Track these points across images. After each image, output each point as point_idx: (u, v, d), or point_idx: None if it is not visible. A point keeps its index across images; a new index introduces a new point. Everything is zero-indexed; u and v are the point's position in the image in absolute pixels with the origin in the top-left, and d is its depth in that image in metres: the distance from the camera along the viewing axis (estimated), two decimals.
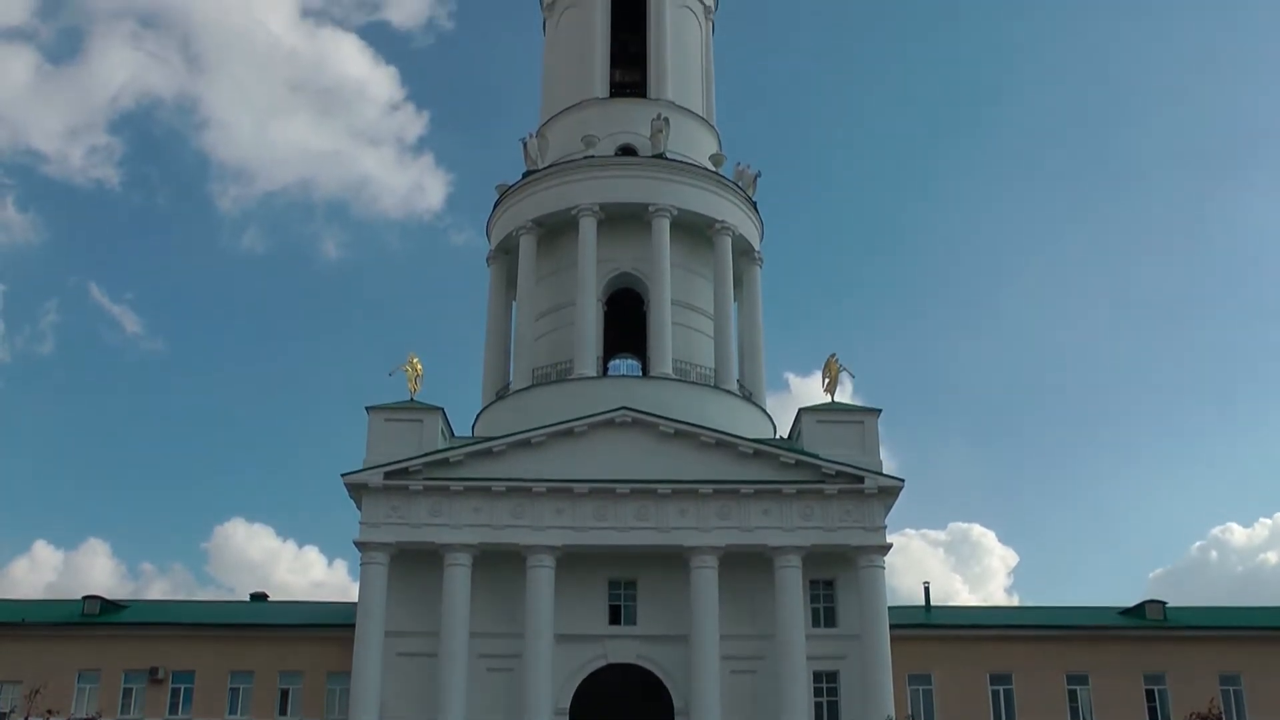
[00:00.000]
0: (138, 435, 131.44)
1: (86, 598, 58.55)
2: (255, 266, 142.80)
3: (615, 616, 52.60)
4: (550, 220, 61.50)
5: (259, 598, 64.59)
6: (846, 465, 52.29)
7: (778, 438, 58.01)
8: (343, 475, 52.07)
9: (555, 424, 52.84)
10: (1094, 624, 57.62)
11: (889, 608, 51.93)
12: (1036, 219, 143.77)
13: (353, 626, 50.78)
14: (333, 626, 54.47)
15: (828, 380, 55.07)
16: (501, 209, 63.75)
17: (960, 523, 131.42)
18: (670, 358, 57.74)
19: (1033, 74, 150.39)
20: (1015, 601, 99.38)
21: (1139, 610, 58.90)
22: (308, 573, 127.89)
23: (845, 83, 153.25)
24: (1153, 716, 55.11)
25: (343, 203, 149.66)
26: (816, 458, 52.54)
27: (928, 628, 56.81)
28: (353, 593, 53.15)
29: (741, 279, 64.62)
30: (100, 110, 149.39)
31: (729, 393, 58.68)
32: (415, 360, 55.01)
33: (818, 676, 51.29)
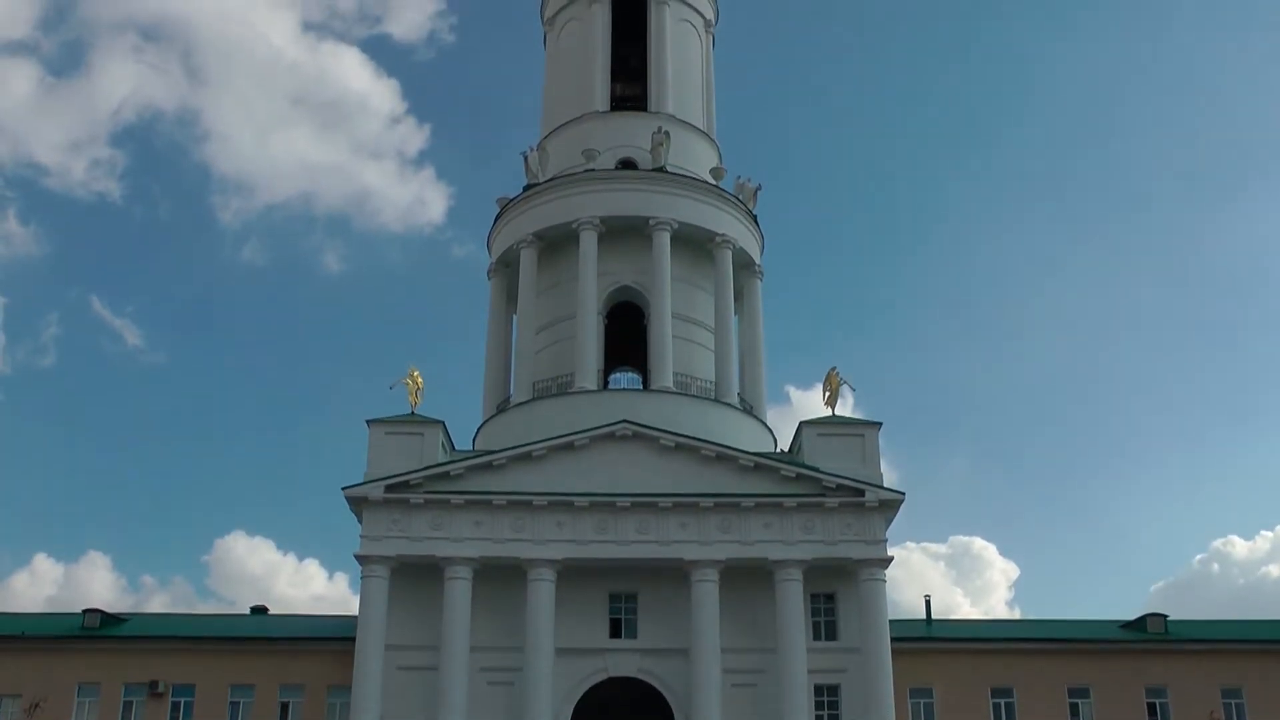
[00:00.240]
0: (138, 448, 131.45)
1: (87, 611, 58.44)
2: (256, 279, 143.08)
3: (616, 630, 52.54)
4: (551, 234, 61.61)
5: (259, 611, 64.46)
6: (847, 478, 52.26)
7: (778, 451, 58.08)
8: (343, 488, 52.05)
9: (556, 437, 52.86)
10: (1095, 637, 57.54)
11: (890, 621, 51.82)
12: (1038, 232, 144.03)
13: (353, 640, 50.71)
14: (333, 640, 54.46)
15: (828, 393, 55.11)
16: (502, 222, 63.86)
17: (961, 536, 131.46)
18: (671, 371, 57.79)
19: (1036, 87, 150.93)
20: (1016, 615, 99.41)
21: (1140, 623, 58.86)
22: (308, 586, 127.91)
23: (846, 96, 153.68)
24: None
25: (344, 216, 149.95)
26: (817, 471, 52.54)
27: (929, 641, 56.80)
28: (353, 606, 53.16)
29: (742, 292, 64.71)
30: (102, 123, 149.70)
31: (730, 406, 58.72)
32: (416, 373, 55.05)
33: (819, 690, 51.17)
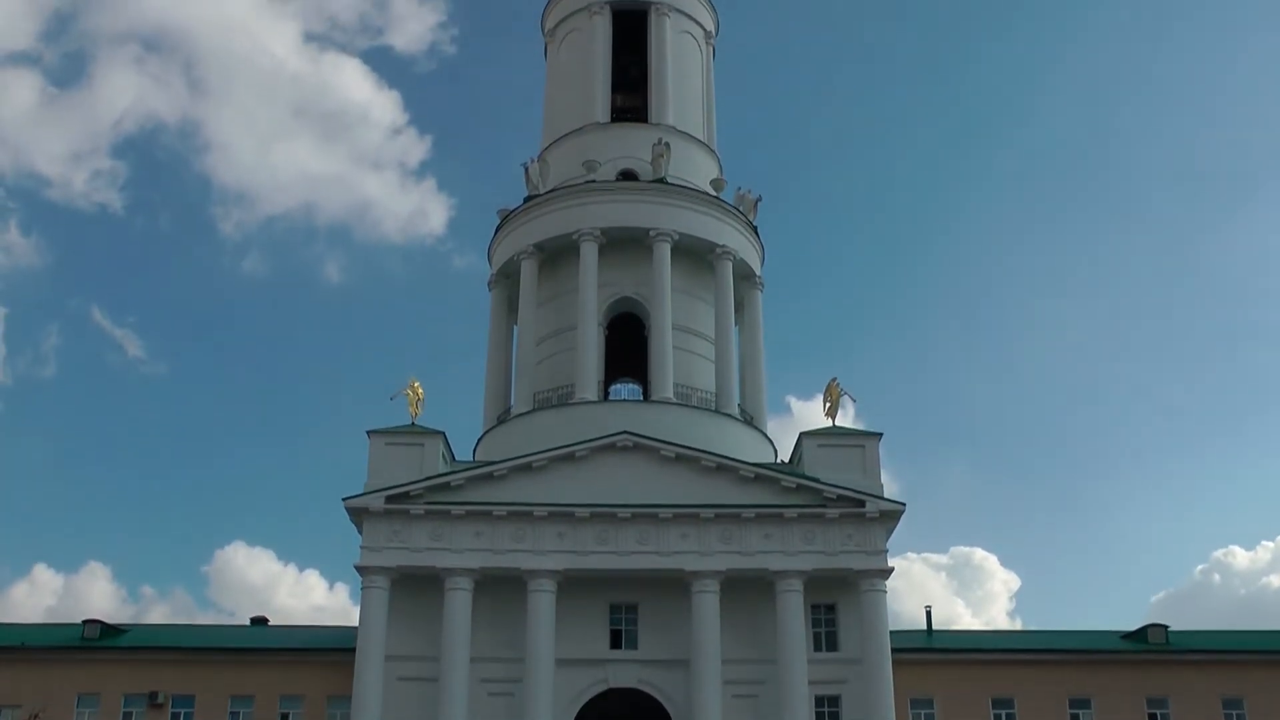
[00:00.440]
0: (139, 458, 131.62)
1: (86, 621, 58.42)
2: (257, 290, 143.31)
3: (616, 641, 52.47)
4: (552, 245, 61.69)
5: (259, 622, 64.44)
6: (848, 489, 52.23)
7: (779, 462, 58.11)
8: (344, 499, 52.07)
9: (556, 448, 52.88)
10: (1096, 648, 57.55)
11: (891, 632, 51.75)
12: (1039, 241, 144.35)
13: (353, 650, 50.66)
14: (333, 650, 54.45)
15: (829, 404, 55.14)
16: (503, 233, 63.96)
17: (962, 546, 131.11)
18: (671, 382, 57.82)
19: (1037, 97, 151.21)
20: (1017, 625, 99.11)
21: (1141, 634, 58.82)
22: (309, 596, 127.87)
23: (847, 107, 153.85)
24: None
25: (345, 227, 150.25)
26: (818, 482, 52.54)
27: (930, 651, 56.78)
28: (353, 617, 53.12)
29: (743, 303, 64.78)
30: (103, 134, 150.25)
31: (730, 417, 58.74)
32: (416, 384, 55.11)
33: (819, 701, 51.10)
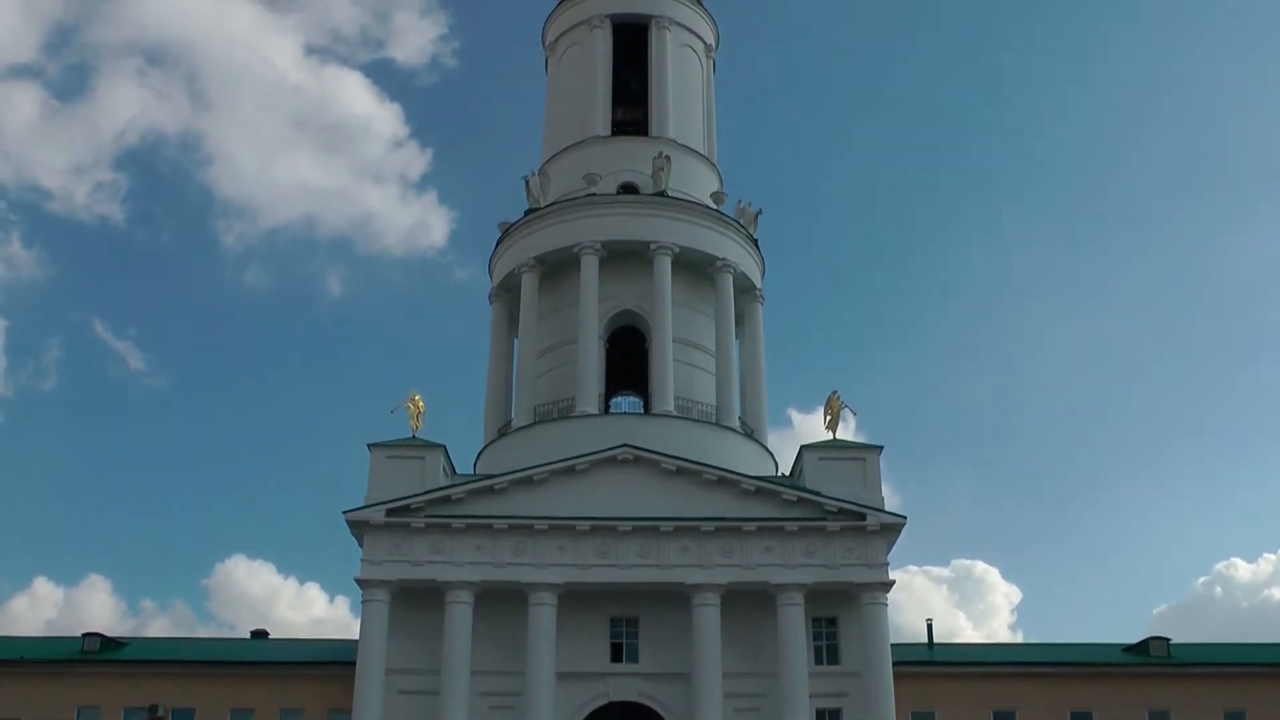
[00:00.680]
0: (139, 471, 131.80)
1: (86, 635, 58.43)
2: (258, 303, 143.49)
3: (617, 654, 52.39)
4: (552, 258, 61.76)
5: (259, 635, 64.41)
6: (848, 502, 52.19)
7: (780, 475, 58.05)
8: (344, 512, 52.02)
9: (557, 461, 52.87)
10: (1098, 661, 57.48)
11: (892, 645, 51.61)
12: (1040, 255, 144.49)
13: (354, 664, 50.55)
14: (334, 664, 54.37)
15: (829, 417, 55.12)
16: (504, 246, 64.03)
17: (963, 559, 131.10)
18: (672, 395, 57.83)
19: (1039, 109, 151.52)
20: (1019, 638, 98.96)
21: (1143, 647, 58.75)
22: (309, 610, 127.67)
23: (847, 119, 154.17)
24: None
25: (346, 239, 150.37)
26: (818, 495, 52.48)
27: (931, 665, 56.68)
28: (354, 630, 53.07)
29: (743, 316, 64.82)
30: (105, 147, 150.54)
31: (731, 430, 58.73)
32: (417, 397, 55.10)
33: (820, 714, 50.99)
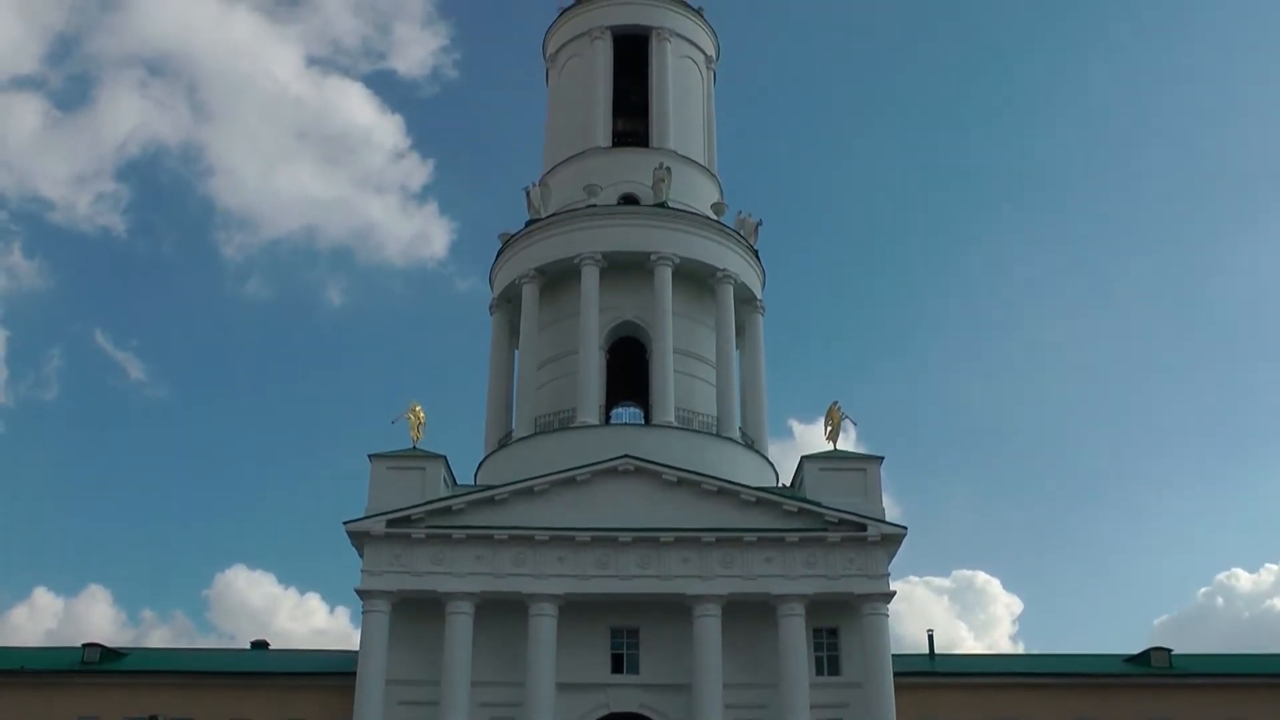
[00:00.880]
0: (140, 481, 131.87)
1: (86, 645, 58.33)
2: (259, 313, 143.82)
3: (618, 665, 52.34)
4: (553, 269, 61.83)
5: (260, 646, 64.35)
6: (849, 513, 52.15)
7: (780, 485, 58.04)
8: (345, 523, 52.00)
9: (557, 472, 52.84)
10: (1099, 671, 57.33)
11: (893, 655, 51.52)
12: (1038, 265, 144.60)
13: (354, 675, 50.47)
14: (334, 675, 54.30)
15: (830, 428, 55.09)
16: (504, 257, 64.09)
17: (965, 570, 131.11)
18: (672, 406, 57.83)
19: (1042, 120, 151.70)
20: (1020, 649, 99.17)
21: (1144, 658, 58.63)
22: (309, 620, 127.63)
23: (845, 129, 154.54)
24: None
25: (347, 250, 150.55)
26: (819, 506, 52.44)
27: (932, 676, 56.57)
28: (354, 641, 53.03)
29: (743, 327, 64.85)
30: (107, 157, 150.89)
31: (731, 441, 58.73)
32: (418, 408, 55.08)
33: None
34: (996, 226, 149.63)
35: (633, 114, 68.53)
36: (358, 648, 51.16)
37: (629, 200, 63.20)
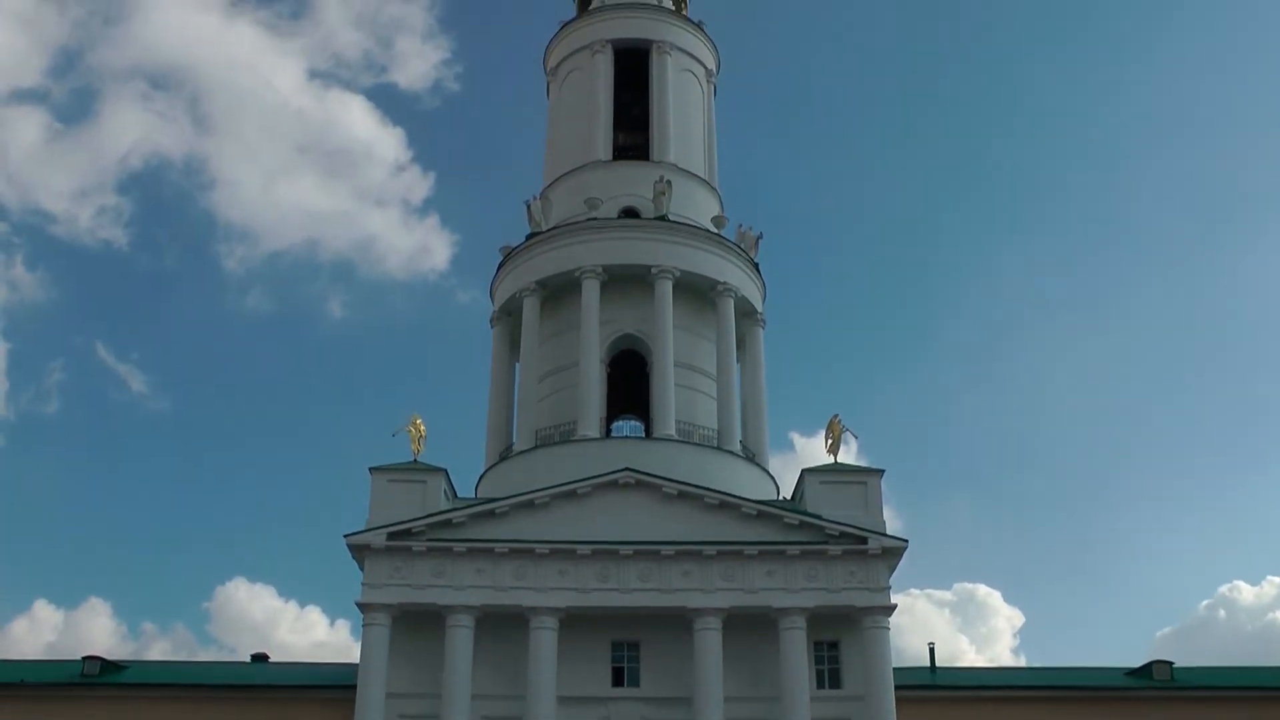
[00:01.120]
0: (141, 494, 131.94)
1: (86, 658, 58.13)
2: (260, 326, 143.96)
3: (618, 678, 52.23)
4: (554, 282, 61.89)
5: (260, 658, 64.19)
6: (850, 526, 52.08)
7: (781, 498, 58.01)
8: (345, 536, 51.97)
9: (558, 485, 52.85)
10: (1101, 684, 57.23)
11: (894, 669, 51.39)
12: (1038, 278, 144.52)
13: (354, 688, 50.36)
14: (334, 688, 54.19)
15: (831, 441, 55.11)
16: (505, 270, 64.18)
17: (966, 583, 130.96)
18: (673, 419, 57.83)
19: (1044, 130, 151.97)
20: (1022, 662, 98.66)
21: (1146, 670, 58.49)
22: (310, 633, 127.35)
23: (847, 141, 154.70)
24: None
25: (348, 263, 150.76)
26: (820, 519, 52.43)
27: (933, 689, 56.50)
28: (354, 653, 52.90)
29: (744, 340, 64.87)
30: (109, 170, 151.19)
31: (732, 454, 58.74)
32: (418, 421, 55.08)
33: None
34: (999, 239, 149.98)
35: (633, 127, 68.68)
36: (358, 661, 51.07)
37: (630, 213, 63.27)
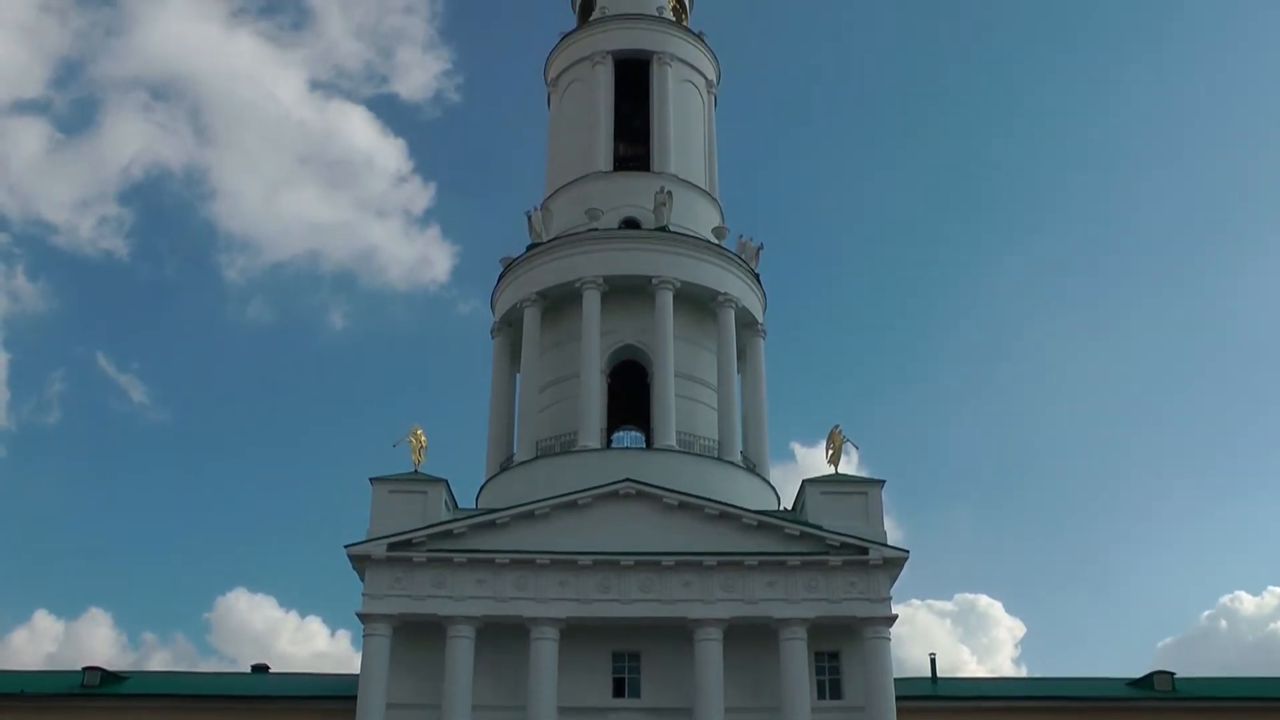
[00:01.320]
0: (141, 504, 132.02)
1: (87, 669, 58.08)
2: (261, 337, 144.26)
3: (619, 689, 52.17)
4: (554, 292, 61.95)
5: (261, 669, 64.15)
6: (851, 537, 52.07)
7: (782, 509, 58.06)
8: (346, 546, 51.96)
9: (559, 496, 52.86)
10: (1102, 695, 57.22)
11: (895, 679, 51.32)
12: (1038, 289, 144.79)
13: (355, 698, 50.32)
14: (334, 698, 54.18)
15: (831, 451, 55.12)
16: (506, 281, 64.25)
17: (967, 593, 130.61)
18: (674, 429, 57.85)
19: (1044, 142, 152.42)
20: (1023, 672, 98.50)
21: (1147, 681, 58.46)
22: (310, 644, 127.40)
23: (847, 152, 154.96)
24: None
25: (350, 274, 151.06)
26: (820, 529, 52.40)
27: (934, 699, 56.45)
28: (355, 664, 52.92)
29: (745, 350, 64.90)
30: (110, 181, 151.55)
31: (732, 464, 58.74)
32: (419, 432, 55.11)
33: None
34: (1000, 250, 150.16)
35: (634, 138, 68.82)
36: (359, 671, 51.06)
37: (630, 224, 63.36)
